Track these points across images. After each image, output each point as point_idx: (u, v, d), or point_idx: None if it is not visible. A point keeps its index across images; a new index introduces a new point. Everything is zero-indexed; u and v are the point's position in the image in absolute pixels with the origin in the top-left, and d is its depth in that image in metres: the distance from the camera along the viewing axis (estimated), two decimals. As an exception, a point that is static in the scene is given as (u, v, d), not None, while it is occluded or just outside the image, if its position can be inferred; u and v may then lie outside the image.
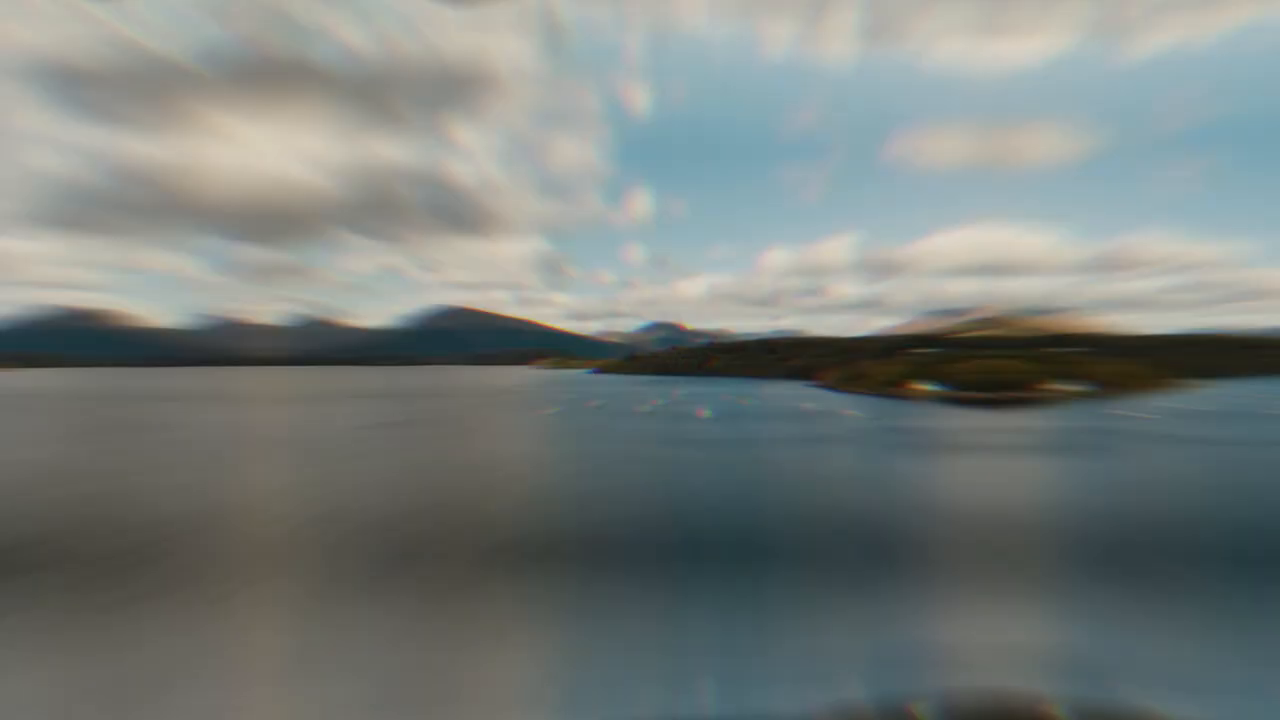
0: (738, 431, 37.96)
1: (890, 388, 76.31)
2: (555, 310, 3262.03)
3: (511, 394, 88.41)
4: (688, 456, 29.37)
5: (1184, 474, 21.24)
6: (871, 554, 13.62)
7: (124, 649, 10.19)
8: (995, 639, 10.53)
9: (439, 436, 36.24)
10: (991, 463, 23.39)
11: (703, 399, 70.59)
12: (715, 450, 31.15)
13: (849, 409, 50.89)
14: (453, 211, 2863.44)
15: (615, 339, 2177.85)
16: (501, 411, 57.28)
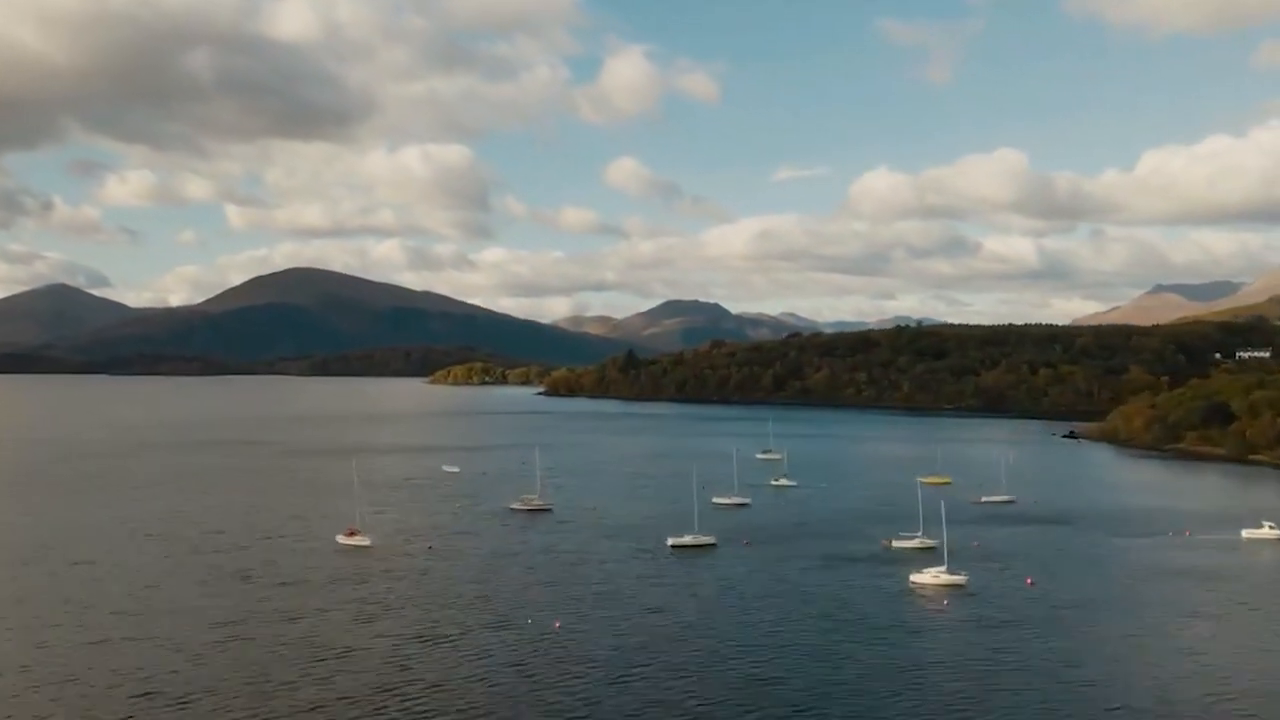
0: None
1: None
2: (484, 278, 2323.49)
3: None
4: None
5: None
6: None
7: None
8: None
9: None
10: None
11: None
12: None
13: None
14: (281, 94, 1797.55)
15: (597, 329, 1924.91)
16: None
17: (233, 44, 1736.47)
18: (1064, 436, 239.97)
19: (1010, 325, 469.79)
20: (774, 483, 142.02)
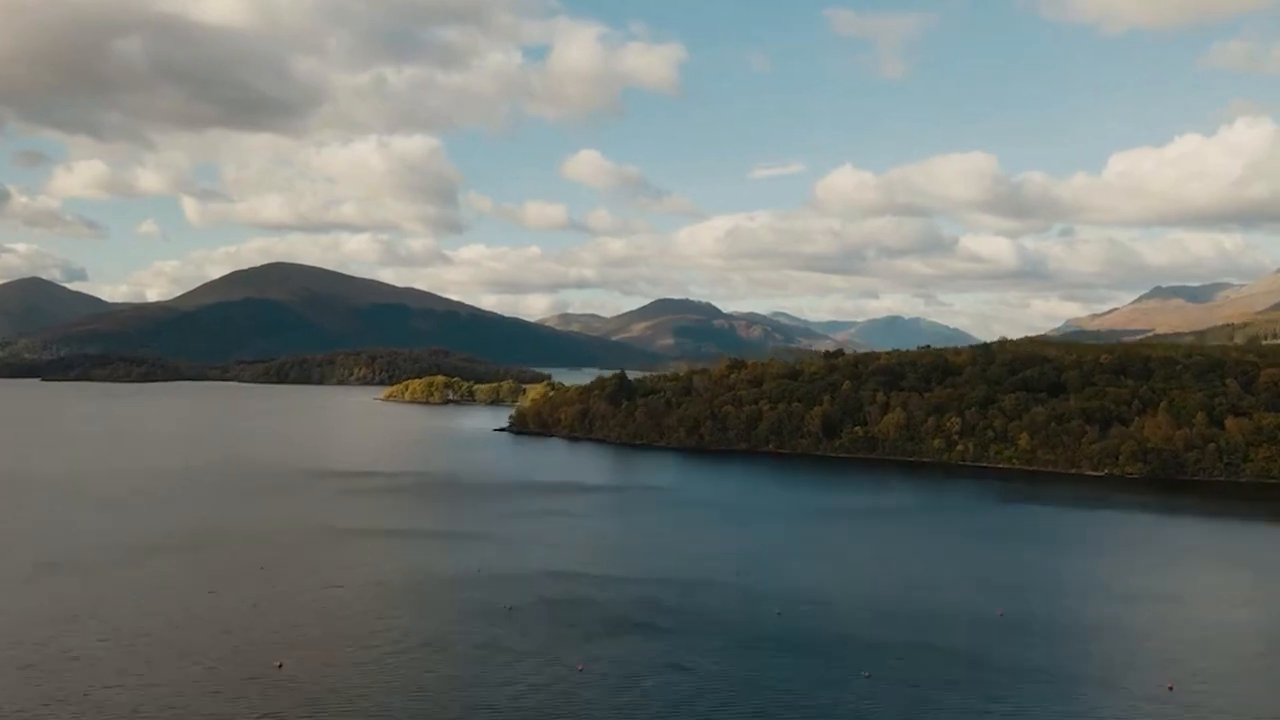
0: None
1: None
2: (464, 275, 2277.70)
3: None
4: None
5: None
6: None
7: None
8: None
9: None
10: None
11: None
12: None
13: None
14: (221, 83, 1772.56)
15: (583, 327, 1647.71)
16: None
17: (166, 30, 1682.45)
18: None
19: (1149, 341, 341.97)
20: None
